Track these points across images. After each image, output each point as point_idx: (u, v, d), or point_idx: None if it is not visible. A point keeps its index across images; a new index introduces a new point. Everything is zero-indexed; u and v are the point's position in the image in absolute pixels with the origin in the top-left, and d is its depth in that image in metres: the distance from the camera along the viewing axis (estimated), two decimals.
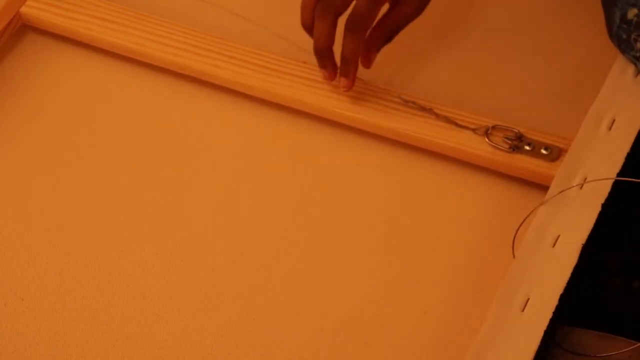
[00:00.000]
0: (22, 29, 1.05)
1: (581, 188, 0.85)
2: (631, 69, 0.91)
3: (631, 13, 0.86)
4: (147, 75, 1.02)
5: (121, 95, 1.01)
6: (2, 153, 0.98)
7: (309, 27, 0.93)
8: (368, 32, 0.92)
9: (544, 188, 0.88)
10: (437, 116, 0.94)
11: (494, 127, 0.93)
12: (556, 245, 0.83)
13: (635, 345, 0.80)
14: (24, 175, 0.96)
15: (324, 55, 0.93)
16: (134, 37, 1.01)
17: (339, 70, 0.94)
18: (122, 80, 1.02)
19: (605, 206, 0.83)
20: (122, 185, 0.95)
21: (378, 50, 0.94)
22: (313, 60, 0.97)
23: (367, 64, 0.95)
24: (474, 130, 0.93)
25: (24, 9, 1.03)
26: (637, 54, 0.88)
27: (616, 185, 0.84)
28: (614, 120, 0.89)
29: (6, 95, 1.01)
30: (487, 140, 0.92)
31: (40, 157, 0.97)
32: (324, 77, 0.94)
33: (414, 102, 0.94)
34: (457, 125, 0.93)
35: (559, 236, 0.83)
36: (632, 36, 0.86)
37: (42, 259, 0.91)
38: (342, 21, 0.92)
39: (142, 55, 1.01)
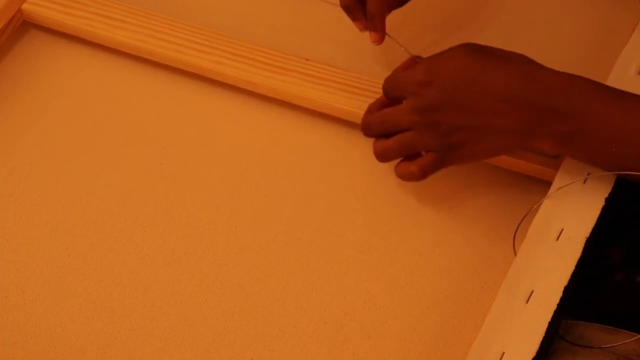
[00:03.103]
0: (24, 26, 1.04)
1: (585, 182, 0.85)
2: (633, 66, 0.92)
3: None
4: (150, 73, 1.02)
5: (124, 93, 1.01)
6: (4, 149, 0.97)
7: None
8: None
9: (546, 184, 0.89)
10: None
11: None
12: (560, 239, 0.83)
13: (639, 337, 0.80)
14: (26, 171, 0.96)
15: (351, 10, 0.94)
16: (136, 35, 1.01)
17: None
18: (125, 78, 1.02)
19: (609, 200, 0.84)
20: (125, 180, 0.95)
21: (389, 11, 0.95)
22: (315, 57, 0.97)
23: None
24: None
25: (25, 6, 1.03)
26: None
27: (619, 179, 0.84)
28: None
29: (7, 93, 1.01)
30: None
31: (42, 152, 0.97)
32: (358, 28, 0.95)
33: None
34: None
35: (562, 230, 0.83)
36: None
37: (43, 251, 0.91)
38: None
39: (145, 53, 1.01)
